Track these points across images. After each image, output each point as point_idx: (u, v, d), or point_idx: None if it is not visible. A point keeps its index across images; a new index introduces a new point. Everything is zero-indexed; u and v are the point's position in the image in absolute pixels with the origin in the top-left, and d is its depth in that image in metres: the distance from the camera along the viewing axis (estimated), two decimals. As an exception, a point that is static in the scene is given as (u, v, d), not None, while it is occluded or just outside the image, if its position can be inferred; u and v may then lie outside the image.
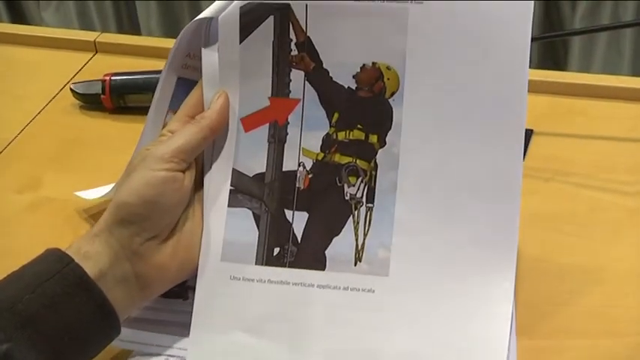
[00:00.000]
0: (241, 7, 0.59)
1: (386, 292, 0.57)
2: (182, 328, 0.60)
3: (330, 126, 0.59)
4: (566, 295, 0.62)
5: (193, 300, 0.59)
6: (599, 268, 0.64)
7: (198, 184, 0.60)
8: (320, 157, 0.60)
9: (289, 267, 0.59)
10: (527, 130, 0.58)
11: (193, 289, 0.60)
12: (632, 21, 1.60)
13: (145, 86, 0.82)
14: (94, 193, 0.71)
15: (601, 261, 0.64)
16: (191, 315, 0.59)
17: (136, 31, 2.00)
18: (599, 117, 0.78)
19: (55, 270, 0.52)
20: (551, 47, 1.80)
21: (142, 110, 0.80)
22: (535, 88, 0.58)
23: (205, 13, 0.60)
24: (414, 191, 0.57)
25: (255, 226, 0.60)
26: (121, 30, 2.00)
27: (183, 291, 0.61)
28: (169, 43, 0.91)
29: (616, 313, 0.60)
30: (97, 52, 0.93)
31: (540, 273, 0.63)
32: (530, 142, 0.75)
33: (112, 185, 0.69)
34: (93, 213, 0.72)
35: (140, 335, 0.60)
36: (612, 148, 0.75)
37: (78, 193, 0.72)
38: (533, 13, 0.56)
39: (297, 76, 0.60)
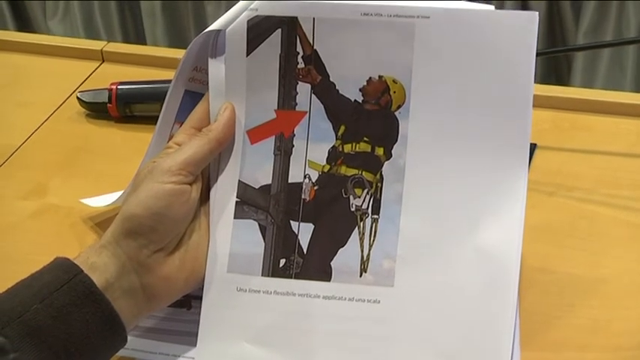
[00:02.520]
0: (249, 20, 0.60)
1: (391, 303, 0.57)
2: (186, 336, 0.60)
3: (337, 138, 0.60)
4: (568, 307, 0.62)
5: (197, 309, 0.60)
6: (600, 281, 0.64)
7: (205, 197, 0.61)
8: (326, 170, 0.60)
9: (295, 278, 0.59)
10: (530, 145, 0.58)
11: (197, 298, 0.60)
12: (635, 38, 1.61)
13: (151, 95, 0.82)
14: (99, 201, 0.71)
15: (602, 275, 0.65)
16: (195, 324, 0.59)
17: (141, 40, 2.00)
18: (602, 132, 0.78)
19: (64, 280, 0.53)
20: (554, 63, 1.81)
21: (148, 119, 0.81)
22: (539, 102, 0.58)
23: (213, 26, 0.60)
24: (419, 202, 0.58)
25: (261, 237, 0.60)
26: (126, 40, 2.01)
27: (186, 300, 0.62)
28: (175, 53, 0.92)
29: (617, 327, 0.61)
30: (103, 61, 0.94)
31: (542, 285, 0.64)
32: (533, 156, 0.75)
33: (117, 193, 0.69)
34: (98, 221, 0.72)
35: (144, 343, 0.61)
36: (615, 164, 0.75)
37: (83, 200, 0.72)
38: (538, 28, 0.57)
39: (303, 89, 0.60)
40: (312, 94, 0.60)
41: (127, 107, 0.83)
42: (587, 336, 0.60)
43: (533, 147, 0.76)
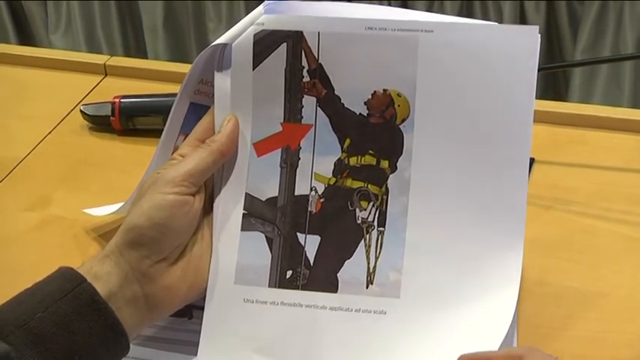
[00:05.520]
0: (255, 34, 0.61)
1: (397, 314, 0.58)
2: (186, 346, 0.61)
3: (342, 151, 0.61)
4: (564, 320, 0.63)
5: (198, 319, 0.60)
6: (597, 294, 0.65)
7: (208, 208, 0.61)
8: (332, 182, 0.61)
9: (302, 289, 0.59)
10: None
11: (198, 308, 0.61)
12: (632, 54, 1.62)
13: (154, 109, 0.83)
14: (102, 210, 0.72)
15: (598, 287, 0.65)
16: (196, 334, 0.60)
17: (142, 55, 2.01)
18: (599, 147, 0.79)
19: (68, 289, 0.53)
20: (552, 79, 1.82)
21: (151, 132, 0.81)
22: (537, 117, 0.59)
23: (220, 40, 0.61)
24: (425, 215, 0.59)
25: (268, 249, 0.60)
26: (127, 54, 2.02)
27: (188, 310, 0.62)
28: (178, 67, 0.93)
29: (613, 339, 0.61)
30: (106, 75, 0.94)
31: (539, 298, 0.64)
32: (531, 170, 0.76)
33: (119, 204, 0.70)
34: (101, 232, 0.73)
35: (145, 352, 0.61)
36: (611, 178, 0.76)
37: (87, 210, 0.73)
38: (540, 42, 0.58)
39: (309, 103, 0.61)
40: (318, 108, 0.61)
41: (129, 120, 0.84)
42: (583, 348, 0.61)
43: (531, 161, 0.77)
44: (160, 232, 0.57)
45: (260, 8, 0.61)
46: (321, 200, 0.61)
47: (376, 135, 0.60)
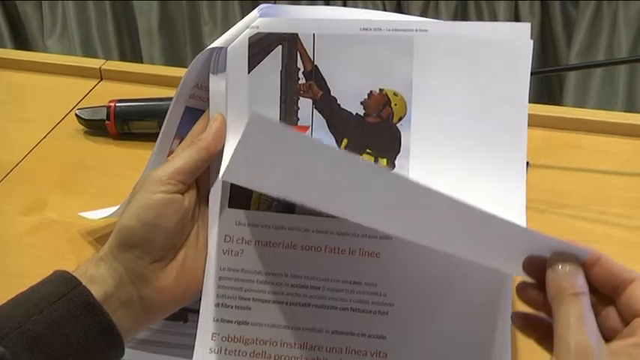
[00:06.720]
0: (250, 37, 0.61)
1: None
2: (182, 349, 0.61)
3: None
4: (560, 323, 0.63)
5: (193, 323, 0.60)
6: (592, 297, 0.65)
7: (203, 212, 0.61)
8: None
9: None
10: (522, 163, 0.60)
11: (193, 311, 0.61)
12: (626, 58, 1.62)
13: (149, 113, 0.83)
14: (97, 214, 0.72)
15: (594, 291, 0.65)
16: (191, 337, 0.60)
17: (138, 60, 2.02)
18: (593, 151, 0.79)
19: (63, 292, 0.53)
20: (547, 83, 1.83)
21: (146, 136, 0.81)
22: (531, 121, 0.59)
23: (215, 44, 0.61)
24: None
25: None
26: (123, 58, 2.02)
27: (183, 314, 0.62)
28: (173, 71, 0.93)
29: (608, 342, 0.61)
30: (102, 79, 0.95)
31: (534, 302, 0.64)
32: (526, 174, 0.76)
33: (115, 207, 0.70)
34: (96, 236, 0.73)
35: (140, 355, 0.61)
36: (606, 182, 0.76)
37: (82, 214, 0.73)
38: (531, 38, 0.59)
39: (305, 104, 0.61)
40: (314, 109, 0.61)
41: (124, 124, 0.84)
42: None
43: (526, 165, 0.77)
44: (150, 232, 0.57)
45: (255, 12, 0.61)
46: None
47: (373, 134, 0.60)
